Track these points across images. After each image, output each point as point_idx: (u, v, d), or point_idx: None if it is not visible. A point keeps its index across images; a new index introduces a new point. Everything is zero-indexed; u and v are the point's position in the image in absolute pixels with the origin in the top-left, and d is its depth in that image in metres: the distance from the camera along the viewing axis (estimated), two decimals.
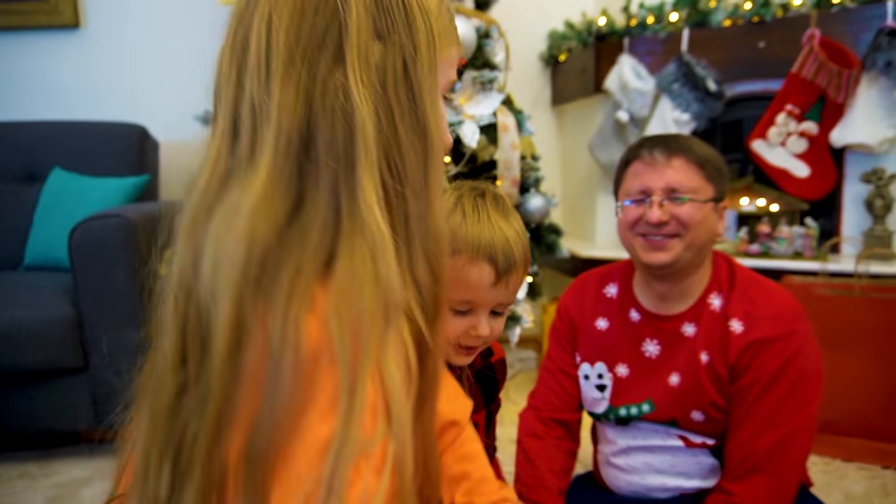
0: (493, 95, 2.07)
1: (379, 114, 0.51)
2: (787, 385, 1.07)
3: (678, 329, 1.18)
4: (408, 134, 0.52)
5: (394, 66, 0.52)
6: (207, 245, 0.47)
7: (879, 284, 1.92)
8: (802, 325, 1.12)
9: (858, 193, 2.28)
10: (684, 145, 1.14)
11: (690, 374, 1.15)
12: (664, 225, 1.11)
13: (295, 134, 0.49)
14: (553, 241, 2.34)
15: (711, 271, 1.19)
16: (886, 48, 2.11)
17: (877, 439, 1.84)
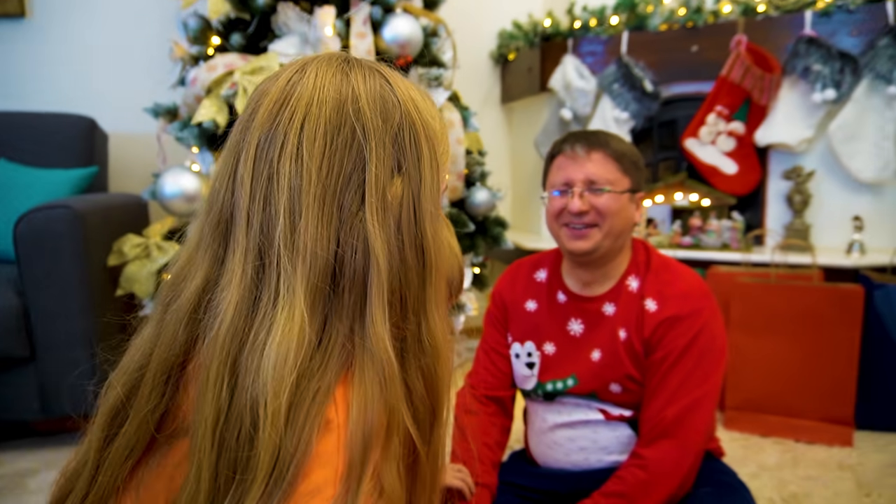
0: (439, 92, 2.14)
1: (391, 247, 0.55)
2: (693, 358, 1.18)
3: (600, 309, 1.28)
4: (412, 260, 0.56)
5: (407, 201, 0.57)
6: (260, 383, 0.50)
7: (794, 273, 2.08)
8: (708, 303, 1.23)
9: (780, 189, 2.45)
10: (603, 140, 1.24)
11: (610, 350, 1.25)
12: (585, 214, 1.19)
13: (327, 268, 0.53)
14: (498, 234, 2.44)
15: (630, 256, 1.30)
16: (804, 55, 2.28)
17: (790, 415, 1.99)
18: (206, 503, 0.49)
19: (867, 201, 2.34)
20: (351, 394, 0.52)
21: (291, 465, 0.49)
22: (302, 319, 0.51)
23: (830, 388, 1.94)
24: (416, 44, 2.08)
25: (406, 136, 0.57)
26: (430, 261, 0.57)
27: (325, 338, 0.53)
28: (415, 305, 0.57)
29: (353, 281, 0.54)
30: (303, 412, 0.50)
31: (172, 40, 2.21)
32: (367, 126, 0.56)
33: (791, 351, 1.99)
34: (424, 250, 0.57)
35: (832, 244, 2.37)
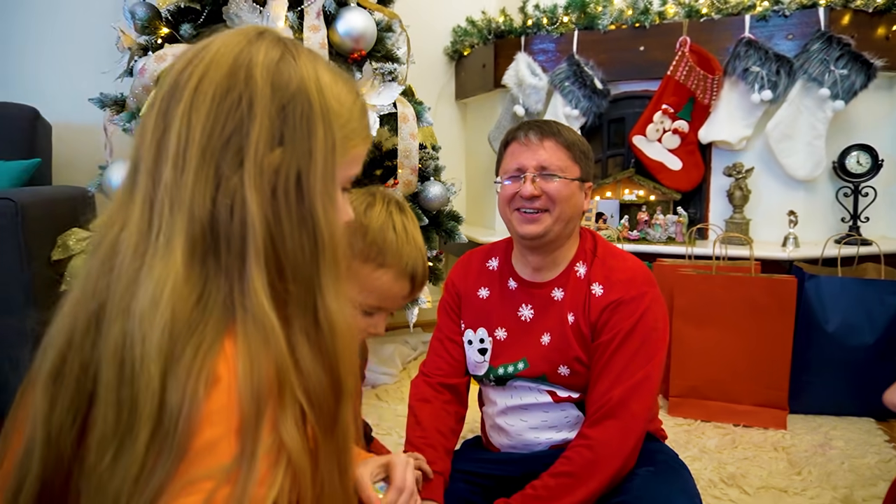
0: (393, 87, 2.16)
1: (268, 214, 0.57)
2: (636, 341, 1.23)
3: (549, 294, 1.33)
4: (296, 235, 0.58)
5: (289, 174, 0.57)
6: (133, 324, 0.52)
7: (734, 265, 2.18)
8: (651, 288, 1.28)
9: (723, 185, 2.55)
10: (555, 129, 1.29)
11: (559, 333, 1.30)
12: (536, 199, 1.23)
13: (204, 224, 0.55)
14: (452, 228, 2.47)
15: (578, 244, 1.35)
16: (744, 57, 2.38)
17: (730, 401, 2.09)
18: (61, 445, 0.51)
19: (801, 197, 2.47)
20: (238, 351, 0.54)
21: (179, 420, 0.50)
22: (177, 271, 0.53)
23: (766, 375, 2.05)
24: (369, 38, 2.09)
25: (296, 111, 0.58)
26: (322, 239, 0.58)
27: (205, 293, 0.54)
28: (305, 279, 0.58)
29: (232, 241, 0.55)
30: (183, 365, 0.51)
31: (119, 29, 2.16)
32: (255, 93, 0.57)
33: (730, 339, 2.08)
34: (315, 228, 0.58)
35: (769, 238, 2.48)
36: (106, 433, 0.51)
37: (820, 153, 2.39)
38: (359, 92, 0.68)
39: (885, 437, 1.96)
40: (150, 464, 0.49)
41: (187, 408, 0.50)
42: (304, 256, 0.58)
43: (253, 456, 0.51)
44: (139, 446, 0.49)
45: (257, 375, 0.53)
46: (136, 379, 0.50)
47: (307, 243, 0.58)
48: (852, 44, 2.28)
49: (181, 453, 0.49)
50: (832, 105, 2.33)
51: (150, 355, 0.51)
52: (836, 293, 2.06)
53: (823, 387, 2.09)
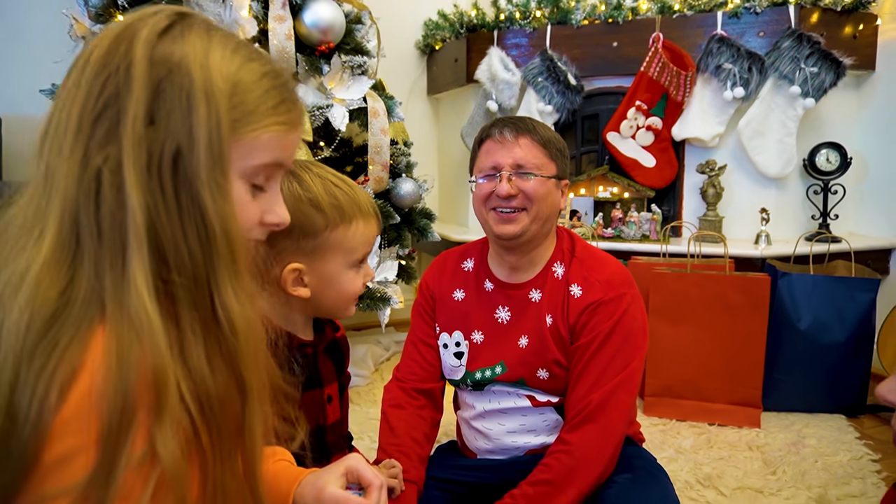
0: (363, 81, 2.09)
1: (149, 202, 0.51)
2: (616, 343, 1.20)
3: (526, 295, 1.28)
4: (177, 224, 0.52)
5: (160, 153, 0.52)
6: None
7: (708, 263, 2.17)
8: (630, 289, 1.25)
9: (696, 183, 2.55)
10: (530, 126, 1.25)
11: (537, 336, 1.25)
12: (513, 198, 1.19)
13: (76, 207, 0.50)
14: (425, 226, 2.41)
15: (556, 243, 1.31)
16: (717, 53, 2.37)
17: (704, 400, 2.08)
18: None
19: (772, 194, 2.48)
20: (105, 350, 0.48)
21: (27, 427, 0.44)
22: (44, 258, 0.49)
23: (740, 373, 2.04)
24: (338, 30, 2.02)
25: (174, 88, 0.53)
26: (212, 232, 0.53)
27: (71, 285, 0.49)
28: (194, 274, 0.53)
29: (109, 226, 0.50)
30: (35, 365, 0.46)
31: (72, 16, 2.05)
32: (133, 65, 0.52)
33: (705, 338, 2.07)
34: (204, 218, 0.53)
35: (742, 235, 2.49)
36: None
37: (791, 151, 2.40)
38: (276, 73, 0.61)
39: (855, 433, 1.98)
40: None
41: (36, 414, 0.44)
42: (189, 248, 0.53)
43: (113, 470, 0.46)
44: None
45: (125, 378, 0.47)
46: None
47: (193, 235, 0.53)
48: (822, 42, 2.29)
49: (30, 466, 0.44)
50: (803, 103, 2.34)
51: (1, 350, 0.45)
52: (808, 291, 2.06)
53: (795, 384, 2.10)
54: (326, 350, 1.04)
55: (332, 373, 1.05)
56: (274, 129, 0.59)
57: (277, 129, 0.59)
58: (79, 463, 0.45)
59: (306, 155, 1.95)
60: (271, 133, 0.59)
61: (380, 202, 2.17)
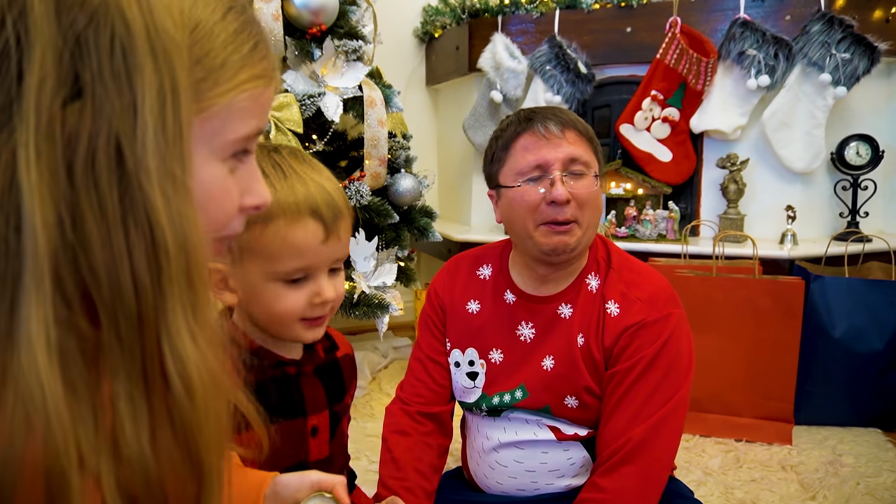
0: (358, 67, 1.92)
1: (62, 213, 0.35)
2: (660, 371, 1.03)
3: (555, 311, 1.11)
4: (115, 243, 0.36)
5: (93, 144, 0.36)
6: None
7: (734, 265, 2.01)
8: (676, 309, 1.09)
9: (715, 178, 2.38)
10: (573, 117, 1.08)
11: (566, 357, 1.09)
12: (567, 205, 1.02)
13: None
14: (425, 224, 2.24)
15: (590, 251, 1.14)
16: (739, 39, 2.20)
17: (731, 414, 1.92)
18: None
19: (798, 191, 2.31)
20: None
21: None
22: None
23: (770, 385, 1.88)
24: (330, 12, 1.84)
25: (101, 40, 0.35)
26: (164, 245, 0.37)
27: None
28: (136, 314, 0.37)
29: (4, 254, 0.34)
30: None
31: None
32: (28, 17, 0.34)
33: (732, 347, 1.91)
34: (153, 228, 0.37)
35: (764, 234, 2.32)
36: None
37: (819, 144, 2.24)
38: (241, 7, 0.44)
39: (895, 449, 1.82)
40: None
41: None
42: (131, 275, 0.37)
43: None
44: None
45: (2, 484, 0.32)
46: None
47: (137, 255, 0.37)
48: (855, 25, 2.12)
49: None
50: (833, 92, 2.17)
51: None
52: (842, 295, 1.90)
53: (829, 397, 1.94)
54: (317, 372, 0.88)
55: (322, 400, 0.89)
56: (250, 85, 0.44)
57: (254, 86, 0.44)
58: None
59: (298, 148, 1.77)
60: (248, 92, 0.44)
61: (377, 200, 2.00)
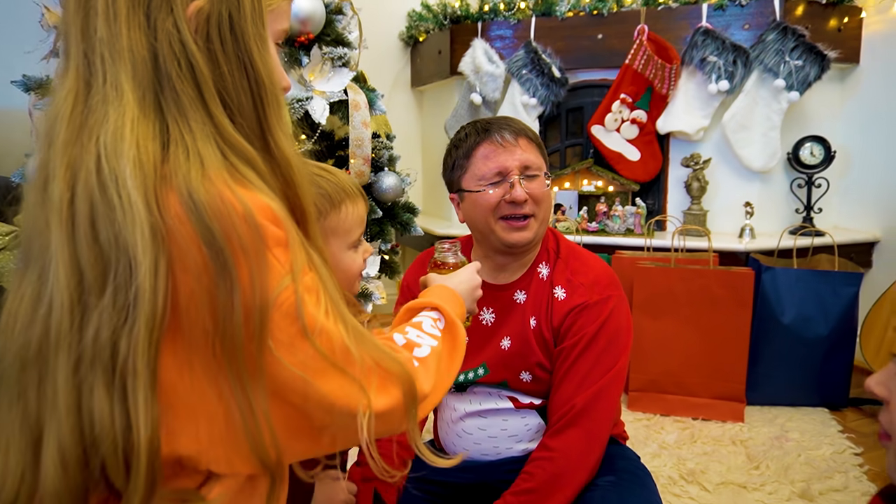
0: (343, 73, 2.05)
1: (209, 62, 0.56)
2: (600, 345, 1.17)
3: (511, 296, 1.26)
4: (238, 79, 0.58)
5: (219, 17, 0.57)
6: (95, 163, 0.50)
7: (692, 257, 2.16)
8: (615, 291, 1.22)
9: (680, 176, 2.54)
10: (521, 125, 1.22)
11: (520, 338, 1.23)
12: (524, 204, 1.15)
13: (150, 70, 0.54)
14: (408, 220, 2.38)
15: (541, 243, 1.28)
16: (701, 46, 2.35)
17: (688, 394, 2.07)
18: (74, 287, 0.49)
19: (757, 188, 2.47)
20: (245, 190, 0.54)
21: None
22: (133, 112, 0.53)
23: (724, 368, 2.04)
24: (317, 20, 1.97)
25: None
26: (263, 83, 0.59)
27: (171, 138, 0.54)
28: (253, 121, 0.59)
29: (184, 87, 0.55)
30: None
31: (43, 5, 1.99)
32: None
33: (689, 332, 2.06)
34: (255, 71, 0.59)
35: (726, 228, 2.48)
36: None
37: (775, 144, 2.39)
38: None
39: (838, 427, 1.98)
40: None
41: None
42: (248, 99, 0.59)
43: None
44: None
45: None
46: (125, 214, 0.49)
47: (249, 88, 0.59)
48: (807, 35, 2.28)
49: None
50: (787, 96, 2.33)
51: (129, 191, 0.50)
52: (791, 285, 2.06)
53: (779, 379, 2.10)
54: None
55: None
56: (284, 1, 0.65)
57: (286, 2, 0.65)
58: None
59: None
60: (283, 5, 0.65)
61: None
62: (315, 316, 0.55)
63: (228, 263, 0.50)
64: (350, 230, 0.95)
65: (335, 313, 0.58)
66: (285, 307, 0.53)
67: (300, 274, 0.54)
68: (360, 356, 0.58)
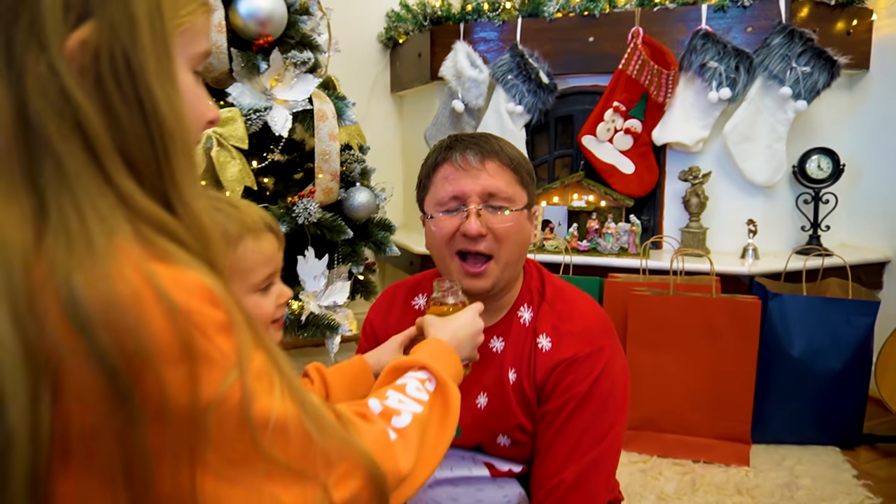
0: (308, 79, 1.85)
1: (103, 108, 0.44)
2: (593, 408, 0.99)
3: (486, 344, 1.06)
4: (140, 129, 0.46)
5: (111, 52, 0.44)
6: None
7: (692, 282, 1.98)
8: (609, 341, 1.05)
9: (677, 191, 2.35)
10: (496, 147, 1.02)
11: (498, 394, 1.04)
12: (482, 238, 0.97)
13: (13, 134, 0.42)
14: (383, 239, 2.18)
15: (523, 282, 1.10)
16: (701, 50, 2.17)
17: (688, 433, 1.89)
18: None
19: (760, 204, 2.29)
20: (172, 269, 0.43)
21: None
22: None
23: (728, 406, 1.86)
24: (278, 22, 1.78)
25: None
26: (169, 130, 0.47)
27: (51, 217, 0.41)
28: (156, 175, 0.47)
29: (68, 143, 0.43)
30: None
31: None
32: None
33: (689, 367, 1.88)
34: (159, 117, 0.46)
35: (727, 247, 2.30)
36: None
37: (780, 157, 2.21)
38: None
39: (853, 471, 1.80)
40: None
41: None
42: (151, 151, 0.47)
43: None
44: None
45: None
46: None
47: (150, 136, 0.46)
48: (815, 38, 2.10)
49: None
50: (794, 105, 2.15)
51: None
52: (800, 313, 1.88)
53: (787, 415, 1.92)
54: None
55: None
56: (204, 9, 0.53)
57: (205, 10, 0.53)
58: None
59: (242, 166, 1.70)
60: (204, 15, 0.53)
61: (329, 215, 1.93)
62: (269, 409, 0.46)
63: (131, 384, 0.39)
64: (250, 270, 0.83)
65: (290, 394, 0.48)
66: (228, 411, 0.43)
67: (248, 361, 0.45)
68: (321, 443, 0.50)
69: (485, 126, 2.47)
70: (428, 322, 0.87)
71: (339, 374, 0.90)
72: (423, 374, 0.71)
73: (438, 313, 0.91)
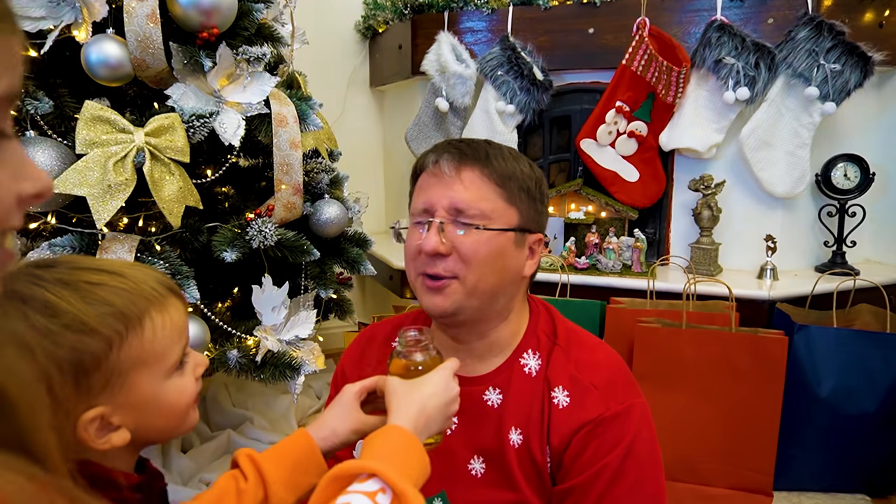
0: (264, 78, 1.59)
1: None
2: (629, 483, 0.80)
3: (480, 396, 0.88)
4: None
5: None
6: None
7: (707, 311, 1.74)
8: (638, 399, 0.86)
9: (687, 202, 2.11)
10: (482, 154, 0.84)
11: (497, 461, 0.86)
12: (441, 258, 0.82)
13: None
14: (357, 256, 1.93)
15: (528, 323, 0.91)
16: (716, 44, 1.92)
17: (702, 483, 1.67)
18: None
19: (780, 217, 2.05)
20: None
21: None
22: None
23: (747, 453, 1.63)
24: (226, 11, 1.51)
25: None
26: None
27: None
28: None
29: None
30: None
31: None
32: None
33: (704, 408, 1.66)
34: None
35: (741, 265, 2.07)
36: None
37: (803, 165, 1.98)
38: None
39: None
40: None
41: None
42: None
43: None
44: None
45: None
46: None
47: None
48: (847, 32, 1.85)
49: None
50: (821, 108, 1.91)
51: None
52: (830, 348, 1.65)
53: (813, 462, 1.70)
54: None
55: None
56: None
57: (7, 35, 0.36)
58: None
59: (182, 183, 1.44)
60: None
61: (292, 235, 1.67)
62: None
63: None
64: (165, 352, 0.68)
65: None
66: None
67: None
68: None
69: (471, 127, 2.22)
70: (390, 389, 0.72)
71: (277, 460, 0.72)
72: (373, 484, 0.56)
73: (403, 373, 0.76)
